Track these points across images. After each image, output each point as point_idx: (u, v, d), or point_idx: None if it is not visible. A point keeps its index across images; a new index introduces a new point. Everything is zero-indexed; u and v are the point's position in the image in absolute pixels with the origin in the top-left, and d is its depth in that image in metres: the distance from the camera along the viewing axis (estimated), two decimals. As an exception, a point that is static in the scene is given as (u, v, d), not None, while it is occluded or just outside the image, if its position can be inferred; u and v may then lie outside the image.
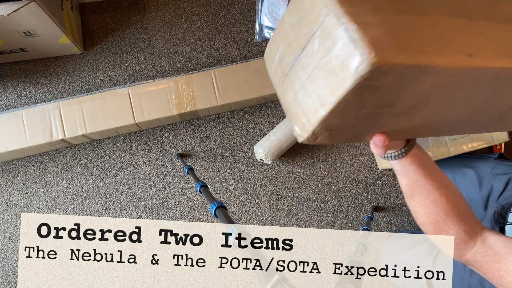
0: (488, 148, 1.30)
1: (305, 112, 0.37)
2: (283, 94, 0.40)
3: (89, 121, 1.16)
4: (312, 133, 0.37)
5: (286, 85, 0.39)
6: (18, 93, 1.29)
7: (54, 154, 1.28)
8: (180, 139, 1.30)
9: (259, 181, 1.29)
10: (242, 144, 1.31)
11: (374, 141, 0.43)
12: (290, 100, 0.39)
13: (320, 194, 1.30)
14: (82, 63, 1.32)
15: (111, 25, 1.34)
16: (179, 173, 1.28)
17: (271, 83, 0.42)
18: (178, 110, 1.18)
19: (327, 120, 0.35)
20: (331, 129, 0.37)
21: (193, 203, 1.27)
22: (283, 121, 1.20)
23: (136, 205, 1.26)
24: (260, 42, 1.35)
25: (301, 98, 0.37)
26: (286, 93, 0.39)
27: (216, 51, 1.35)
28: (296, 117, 0.38)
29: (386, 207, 1.30)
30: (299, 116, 0.37)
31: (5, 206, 1.25)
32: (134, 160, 1.28)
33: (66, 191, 1.26)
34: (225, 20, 1.37)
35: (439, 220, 0.53)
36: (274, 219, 1.28)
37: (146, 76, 1.32)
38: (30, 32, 1.11)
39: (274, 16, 1.24)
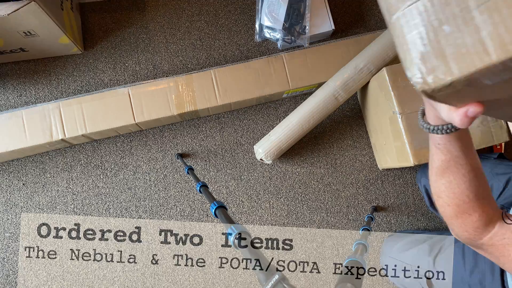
0: (488, 148, 1.31)
1: (460, 53, 0.26)
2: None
3: (89, 121, 1.16)
4: (453, 83, 0.28)
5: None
6: (18, 93, 1.30)
7: (54, 154, 1.28)
8: (180, 139, 1.30)
9: (259, 181, 1.29)
10: (242, 144, 1.31)
11: (468, 111, 0.37)
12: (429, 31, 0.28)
13: (320, 194, 1.30)
14: (82, 63, 1.32)
15: (111, 25, 1.34)
16: (179, 173, 1.28)
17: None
18: (178, 110, 1.18)
19: (487, 72, 0.26)
20: (471, 86, 0.28)
21: (193, 203, 1.27)
22: (283, 121, 1.20)
23: (136, 205, 1.26)
24: (260, 42, 1.35)
25: (453, 32, 0.26)
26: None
27: (216, 51, 1.35)
28: (436, 55, 0.28)
29: (386, 207, 1.30)
30: (442, 55, 0.27)
31: (5, 206, 1.25)
32: (134, 160, 1.28)
33: (66, 191, 1.26)
34: (225, 20, 1.37)
35: (466, 202, 0.52)
36: (274, 219, 1.28)
37: (146, 76, 1.32)
38: (30, 32, 1.11)
39: (274, 16, 1.24)
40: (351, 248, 1.27)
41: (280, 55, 1.22)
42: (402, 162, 1.09)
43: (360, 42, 1.23)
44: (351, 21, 1.39)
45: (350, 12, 1.40)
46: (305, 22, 1.25)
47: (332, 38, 1.37)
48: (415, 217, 1.29)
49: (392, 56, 1.08)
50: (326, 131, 1.33)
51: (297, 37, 1.26)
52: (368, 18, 1.40)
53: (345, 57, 1.21)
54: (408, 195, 1.31)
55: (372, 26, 1.39)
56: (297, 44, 1.28)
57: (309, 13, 1.25)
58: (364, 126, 1.34)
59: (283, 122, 1.19)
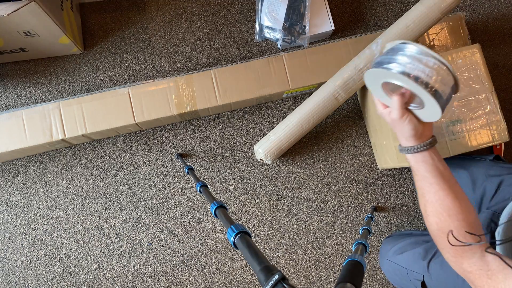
0: (488, 148, 1.31)
1: None
2: None
3: (89, 121, 1.16)
4: None
5: None
6: (18, 93, 1.30)
7: (54, 154, 1.28)
8: (180, 139, 1.30)
9: (259, 181, 1.29)
10: (242, 144, 1.31)
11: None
12: None
13: (320, 194, 1.30)
14: (82, 63, 1.32)
15: (111, 25, 1.34)
16: (179, 173, 1.28)
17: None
18: (178, 110, 1.18)
19: None
20: None
21: (193, 203, 1.27)
22: (283, 121, 1.20)
23: (136, 205, 1.26)
24: (260, 42, 1.35)
25: None
26: None
27: (216, 51, 1.35)
28: None
29: (386, 207, 1.30)
30: None
31: (5, 206, 1.25)
32: (134, 160, 1.28)
33: (66, 191, 1.26)
34: (225, 20, 1.37)
35: (442, 220, 0.55)
36: (274, 219, 1.28)
37: (146, 76, 1.32)
38: (30, 32, 1.11)
39: (274, 16, 1.24)
40: (351, 248, 1.27)
41: (280, 55, 1.22)
42: (402, 162, 1.09)
43: (360, 42, 1.23)
44: (351, 21, 1.39)
45: (350, 12, 1.40)
46: (305, 22, 1.25)
47: (332, 38, 1.37)
48: (415, 217, 1.29)
49: (392, 56, 1.08)
50: (326, 131, 1.33)
51: (297, 37, 1.26)
52: (368, 18, 1.40)
53: (345, 57, 1.21)
54: (408, 195, 1.31)
55: (372, 26, 1.39)
56: (297, 44, 1.28)
57: (309, 13, 1.25)
58: (364, 126, 1.34)
59: (283, 122, 1.19)
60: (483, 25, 1.43)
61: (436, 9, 1.02)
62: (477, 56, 1.05)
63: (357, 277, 0.56)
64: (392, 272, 1.09)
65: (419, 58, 0.51)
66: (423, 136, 0.58)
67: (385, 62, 0.54)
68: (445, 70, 0.51)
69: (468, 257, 0.53)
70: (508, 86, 1.40)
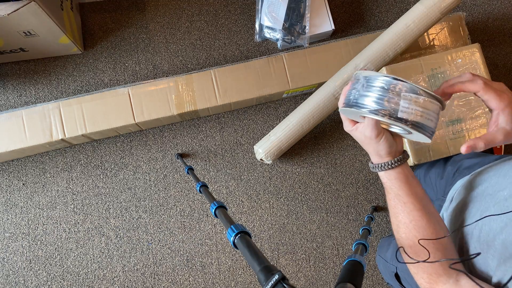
0: (489, 149, 1.30)
1: None
2: None
3: (89, 121, 1.16)
4: None
5: None
6: (18, 93, 1.30)
7: (54, 154, 1.28)
8: (180, 139, 1.30)
9: (259, 181, 1.29)
10: (242, 144, 1.31)
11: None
12: None
13: (320, 194, 1.30)
14: (82, 63, 1.32)
15: (111, 25, 1.34)
16: (179, 173, 1.28)
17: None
18: (178, 110, 1.18)
19: None
20: None
21: (193, 203, 1.27)
22: (283, 121, 1.20)
23: (136, 205, 1.26)
24: (260, 42, 1.35)
25: None
26: None
27: (216, 51, 1.35)
28: None
29: (386, 207, 1.30)
30: None
31: (5, 206, 1.25)
32: (134, 160, 1.28)
33: (66, 191, 1.26)
34: (225, 20, 1.37)
35: (416, 243, 0.53)
36: (274, 219, 1.28)
37: (146, 76, 1.32)
38: (30, 32, 1.11)
39: (274, 16, 1.24)
40: (351, 248, 1.27)
41: (280, 55, 1.22)
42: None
43: (360, 42, 1.23)
44: (351, 21, 1.39)
45: (350, 12, 1.40)
46: (305, 22, 1.25)
47: (332, 38, 1.37)
48: (415, 217, 1.29)
49: (392, 56, 1.08)
50: (326, 131, 1.33)
51: (297, 37, 1.26)
52: (368, 18, 1.40)
53: (345, 57, 1.21)
54: (408, 195, 1.31)
55: (372, 26, 1.39)
56: (297, 44, 1.28)
57: (309, 13, 1.25)
58: (364, 126, 1.34)
59: (283, 122, 1.19)
60: (483, 25, 1.43)
61: (436, 9, 1.02)
62: (476, 56, 1.05)
63: (357, 277, 0.56)
64: (382, 267, 1.08)
65: (393, 92, 0.47)
66: (397, 152, 0.56)
67: (358, 100, 0.50)
68: (424, 98, 0.47)
69: (443, 282, 0.50)
70: (508, 86, 1.39)
